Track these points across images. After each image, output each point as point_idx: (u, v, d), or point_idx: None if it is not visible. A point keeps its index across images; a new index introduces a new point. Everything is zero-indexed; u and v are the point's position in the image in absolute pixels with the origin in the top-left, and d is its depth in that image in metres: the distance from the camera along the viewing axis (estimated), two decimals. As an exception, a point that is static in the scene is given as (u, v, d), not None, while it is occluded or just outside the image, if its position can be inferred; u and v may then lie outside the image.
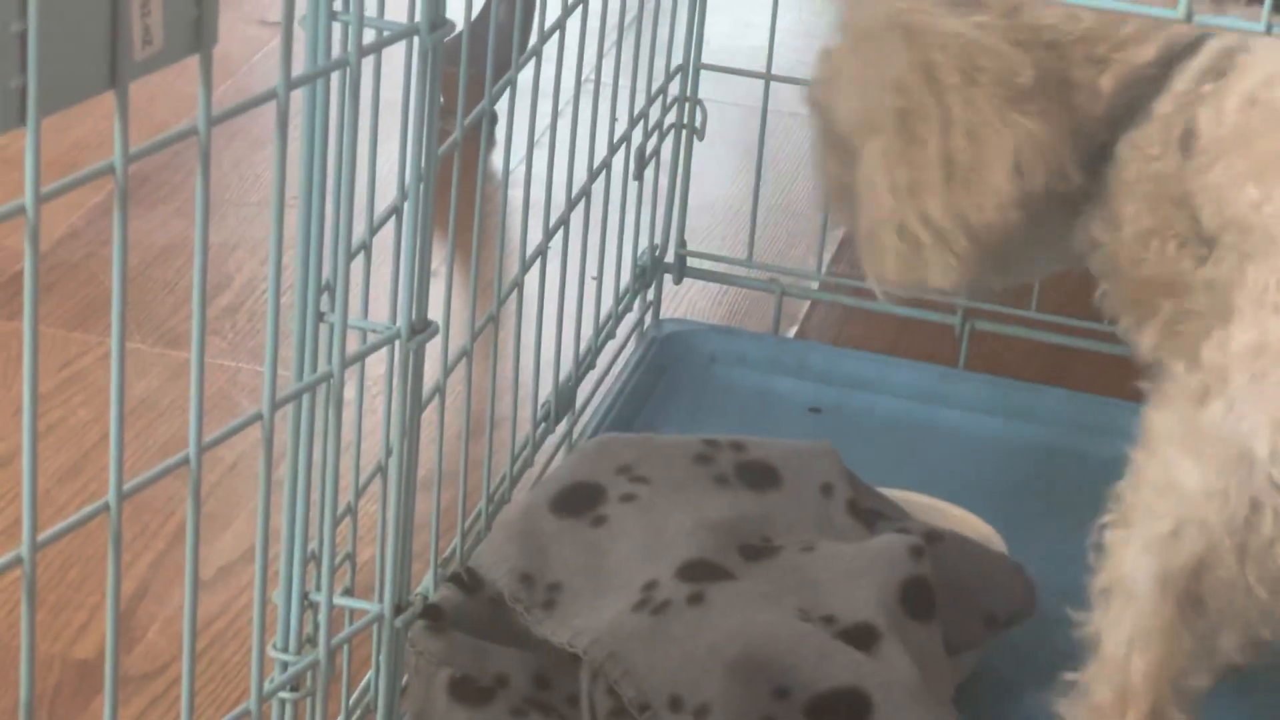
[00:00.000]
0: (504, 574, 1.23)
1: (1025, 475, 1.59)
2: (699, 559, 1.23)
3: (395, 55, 1.03)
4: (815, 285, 1.78)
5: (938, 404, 1.66)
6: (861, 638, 1.21)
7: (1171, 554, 1.15)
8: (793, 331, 1.82)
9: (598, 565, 1.24)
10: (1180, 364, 1.17)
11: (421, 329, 1.03)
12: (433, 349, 1.21)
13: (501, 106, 1.32)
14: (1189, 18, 0.86)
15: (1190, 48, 1.28)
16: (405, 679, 1.20)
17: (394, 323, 1.04)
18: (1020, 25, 1.31)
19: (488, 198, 1.79)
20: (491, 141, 1.41)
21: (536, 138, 1.36)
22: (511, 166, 1.87)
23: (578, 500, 1.28)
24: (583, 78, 1.44)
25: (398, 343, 1.02)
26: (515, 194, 1.75)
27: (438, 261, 1.33)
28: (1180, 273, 1.26)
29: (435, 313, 1.18)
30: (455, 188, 1.19)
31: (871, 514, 1.33)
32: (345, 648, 1.16)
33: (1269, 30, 0.85)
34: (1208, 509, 1.12)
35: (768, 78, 1.69)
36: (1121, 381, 1.63)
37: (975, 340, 1.70)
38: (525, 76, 1.30)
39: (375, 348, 1.02)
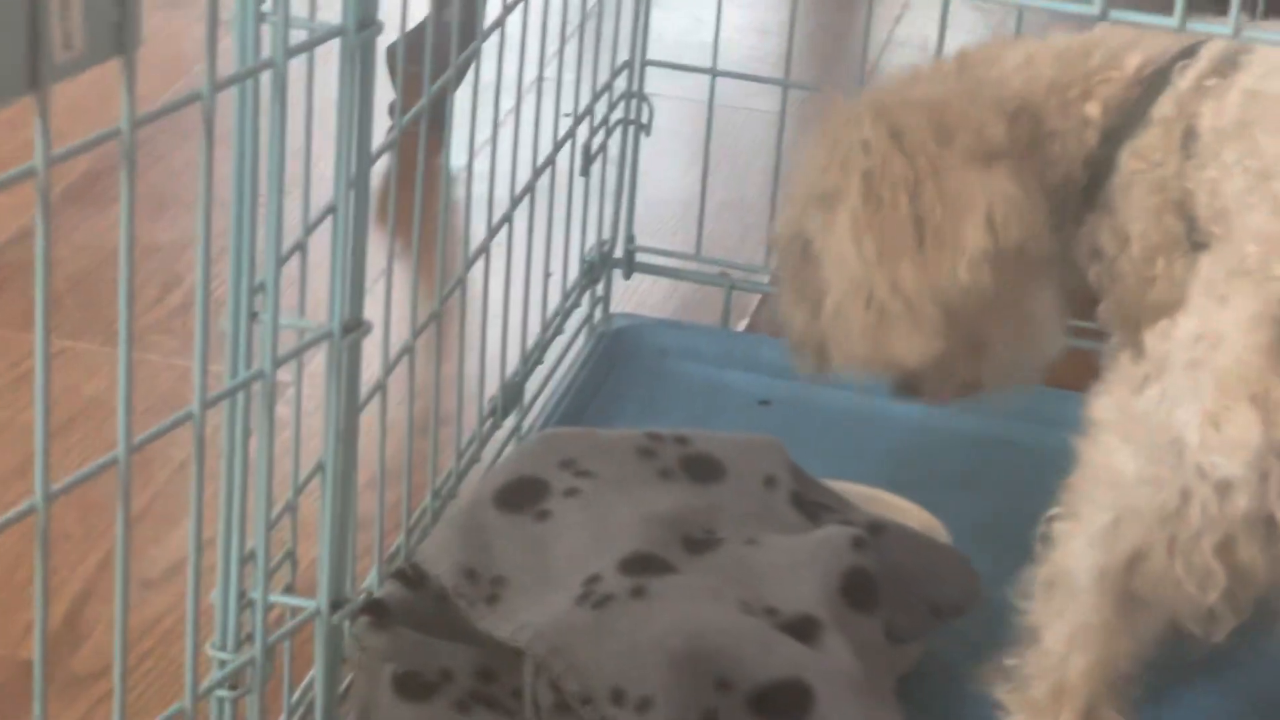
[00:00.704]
0: (447, 569, 1.24)
1: (973, 467, 1.60)
2: (642, 552, 1.23)
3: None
4: (765, 279, 1.79)
5: (888, 397, 1.67)
6: (803, 629, 1.22)
7: (1111, 546, 1.15)
8: (743, 325, 1.83)
9: (541, 560, 1.25)
10: (1126, 353, 1.17)
11: (355, 327, 1.03)
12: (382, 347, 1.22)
13: (463, 104, 1.33)
14: (1104, 14, 0.87)
15: (1189, 50, 1.27)
16: (350, 676, 1.21)
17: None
18: (984, 101, 1.29)
19: (438, 196, 1.79)
20: (440, 140, 1.42)
21: (486, 136, 1.37)
22: (462, 164, 1.88)
23: (521, 495, 1.29)
24: (532, 76, 1.45)
25: (331, 341, 1.03)
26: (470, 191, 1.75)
27: (385, 259, 1.33)
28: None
29: (381, 311, 1.19)
30: (393, 187, 1.20)
31: (815, 506, 1.34)
32: (286, 646, 1.16)
33: (1182, 27, 0.86)
34: (1141, 497, 1.12)
35: (714, 73, 1.70)
36: (1070, 373, 1.64)
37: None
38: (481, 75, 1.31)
39: (308, 346, 1.03)
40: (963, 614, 1.35)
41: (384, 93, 1.20)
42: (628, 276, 1.76)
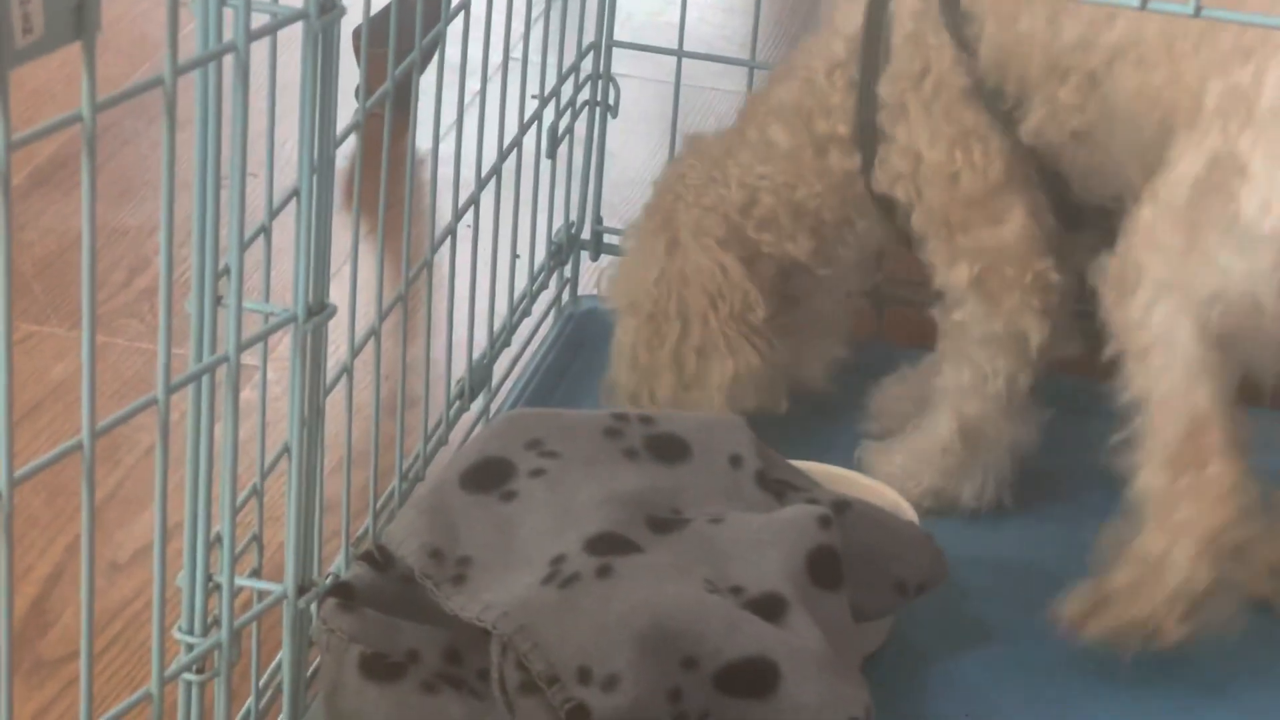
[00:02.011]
0: (414, 550, 1.24)
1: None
2: (607, 532, 1.24)
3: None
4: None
5: (855, 375, 1.67)
6: (769, 608, 1.22)
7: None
8: (710, 305, 1.83)
9: (507, 540, 1.25)
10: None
11: (319, 310, 1.03)
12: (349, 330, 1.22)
13: (429, 86, 1.33)
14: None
15: None
16: (317, 658, 1.21)
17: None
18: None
19: (404, 179, 1.79)
20: (405, 123, 1.42)
21: (453, 119, 1.37)
22: (429, 147, 1.88)
23: (487, 476, 1.29)
24: (498, 58, 1.45)
25: (295, 325, 1.03)
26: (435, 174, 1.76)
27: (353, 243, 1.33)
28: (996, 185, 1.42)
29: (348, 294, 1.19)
30: (358, 170, 1.20)
31: (780, 485, 1.34)
32: (254, 629, 1.16)
33: (1144, 6, 0.86)
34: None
35: (680, 54, 1.70)
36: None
37: (893, 312, 1.71)
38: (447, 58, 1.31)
39: (272, 330, 1.03)
40: (927, 592, 1.36)
41: (351, 76, 1.20)
42: (595, 258, 1.76)
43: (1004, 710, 1.34)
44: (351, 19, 1.05)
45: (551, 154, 1.61)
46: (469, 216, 1.44)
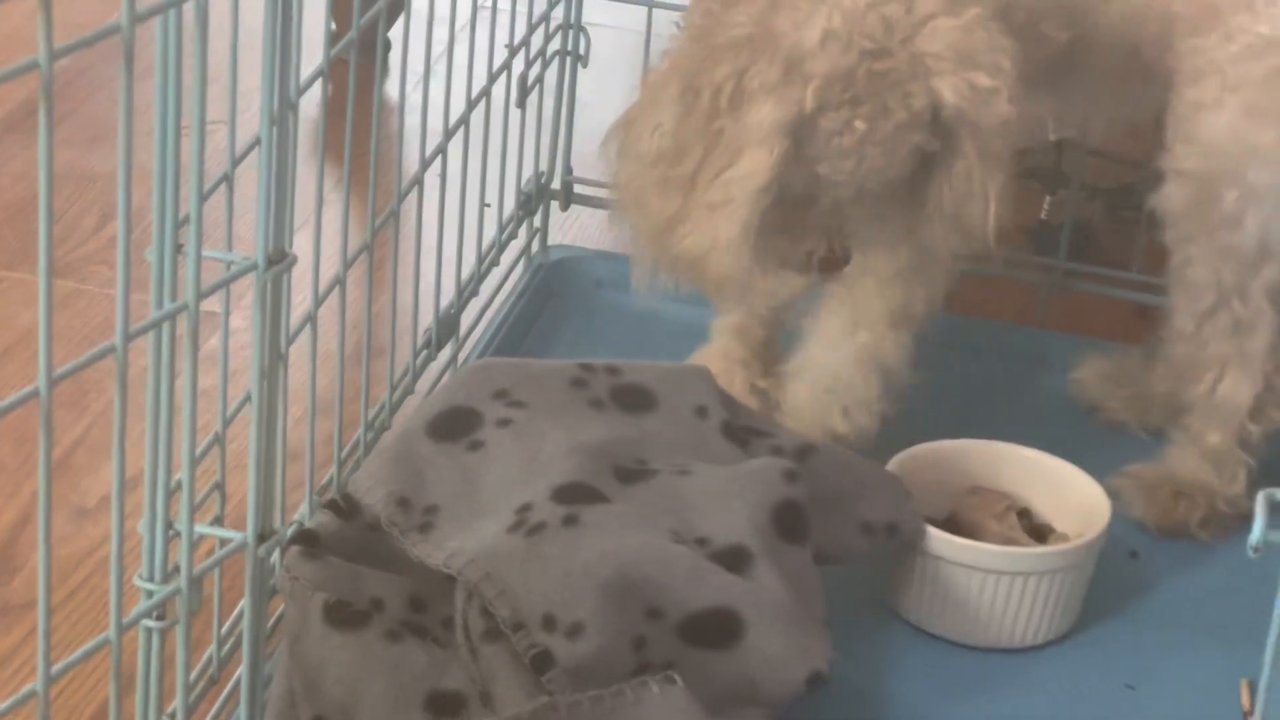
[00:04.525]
0: (380, 498, 1.24)
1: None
2: (573, 482, 1.24)
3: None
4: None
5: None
6: (734, 559, 1.23)
7: None
8: (681, 256, 1.83)
9: (474, 489, 1.26)
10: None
11: (279, 259, 1.03)
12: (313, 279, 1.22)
13: (398, 36, 1.32)
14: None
15: None
16: (280, 609, 1.21)
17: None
18: None
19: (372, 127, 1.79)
20: (385, 69, 1.42)
21: (423, 68, 1.37)
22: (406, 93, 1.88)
23: (454, 425, 1.29)
24: (468, 6, 1.44)
25: (256, 273, 1.03)
26: (409, 120, 1.75)
27: (327, 189, 1.33)
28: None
29: (326, 242, 1.19)
30: (321, 119, 1.19)
31: (745, 431, 1.34)
32: (216, 578, 1.17)
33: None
34: None
35: (651, 4, 1.70)
36: (1003, 305, 1.65)
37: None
38: (419, 5, 1.30)
39: (232, 278, 1.03)
40: (896, 535, 1.34)
41: (322, 27, 1.20)
42: (565, 208, 1.76)
43: (968, 663, 1.35)
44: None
45: (521, 103, 1.61)
46: (438, 165, 1.44)
